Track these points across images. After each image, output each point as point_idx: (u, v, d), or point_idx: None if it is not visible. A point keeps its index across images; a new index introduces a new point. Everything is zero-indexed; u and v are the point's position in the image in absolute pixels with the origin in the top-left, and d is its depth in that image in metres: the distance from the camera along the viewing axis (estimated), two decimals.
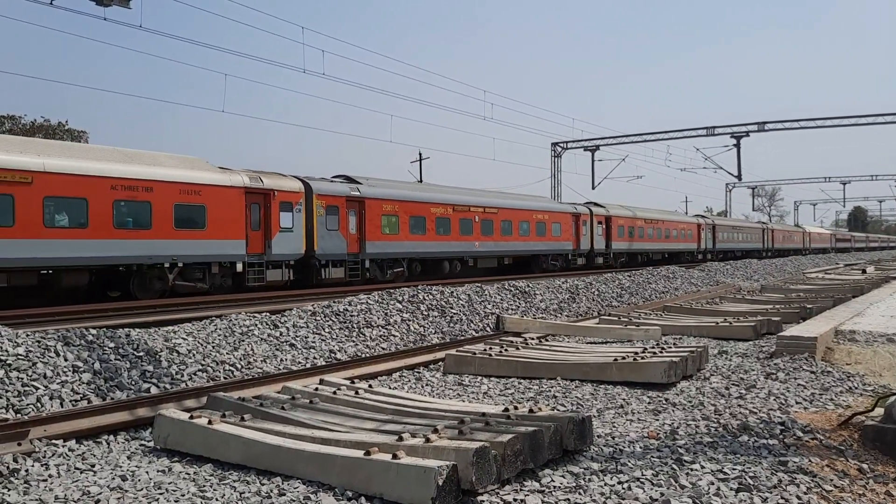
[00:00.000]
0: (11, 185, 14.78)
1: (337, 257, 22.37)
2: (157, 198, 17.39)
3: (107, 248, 16.44)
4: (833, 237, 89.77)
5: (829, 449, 5.58)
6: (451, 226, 27.21)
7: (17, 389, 7.35)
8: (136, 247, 16.99)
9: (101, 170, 16.51)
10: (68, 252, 15.78)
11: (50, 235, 15.48)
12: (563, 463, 5.18)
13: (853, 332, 11.23)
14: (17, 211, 14.89)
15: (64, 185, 15.70)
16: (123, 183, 16.82)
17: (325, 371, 9.17)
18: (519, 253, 31.61)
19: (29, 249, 15.10)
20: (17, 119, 44.02)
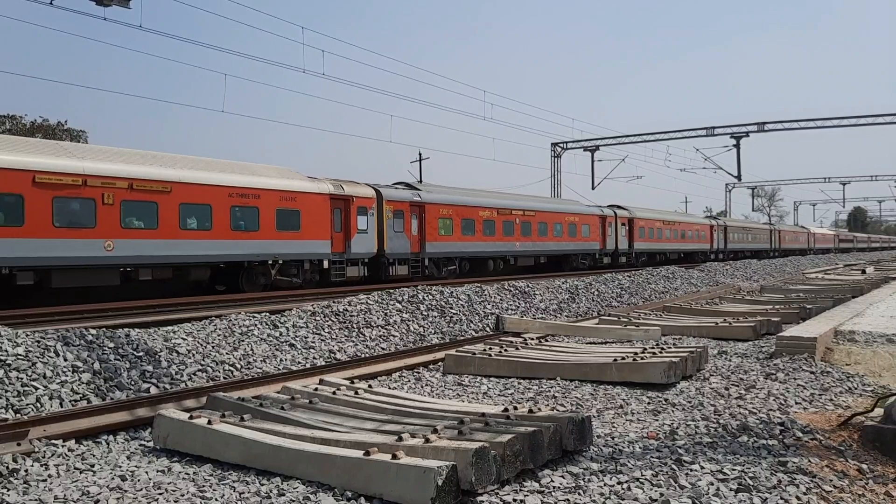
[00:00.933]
0: (155, 194, 17.36)
1: (402, 256, 24.81)
2: (263, 204, 19.97)
3: (226, 248, 18.96)
4: (836, 237, 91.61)
5: (828, 449, 5.58)
6: (495, 228, 29.51)
7: (17, 389, 7.35)
8: (248, 246, 19.48)
9: (221, 179, 19.07)
10: (197, 251, 18.26)
11: (183, 237, 17.98)
12: (562, 463, 5.17)
13: (853, 333, 11.23)
14: (160, 216, 17.47)
15: (194, 194, 18.25)
16: (238, 191, 19.36)
17: (325, 371, 9.16)
18: (553, 252, 33.81)
19: (168, 248, 17.62)
20: (18, 119, 43.98)
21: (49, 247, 15.44)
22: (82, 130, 46.36)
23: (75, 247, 15.88)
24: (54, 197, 15.61)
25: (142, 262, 17.25)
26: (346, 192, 22.75)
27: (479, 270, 29.11)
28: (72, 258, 15.85)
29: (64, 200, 15.80)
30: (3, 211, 14.93)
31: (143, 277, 17.54)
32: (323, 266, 21.86)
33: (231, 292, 19.11)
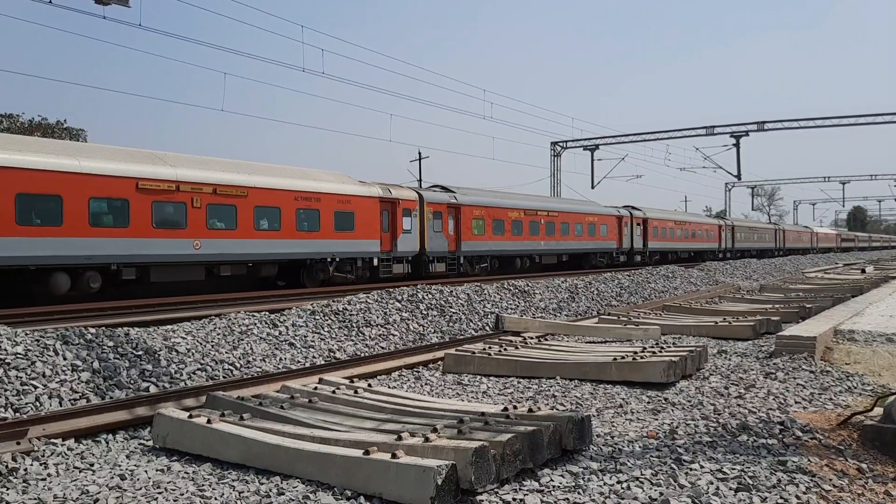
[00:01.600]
0: (234, 198, 19.30)
1: (440, 254, 26.75)
2: (323, 206, 21.92)
3: (292, 247, 20.86)
4: (838, 237, 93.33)
5: (828, 449, 5.58)
6: (523, 228, 31.34)
7: (16, 388, 7.35)
8: (310, 245, 21.41)
9: (289, 184, 21.01)
10: (268, 249, 20.19)
11: (257, 236, 19.91)
12: (562, 462, 5.17)
13: (852, 332, 11.23)
14: (238, 218, 19.41)
15: (266, 197, 20.18)
16: (302, 195, 21.23)
17: (325, 370, 9.16)
18: (574, 250, 35.67)
19: (244, 247, 19.52)
20: (16, 117, 43.94)
21: (149, 246, 17.40)
22: (81, 129, 46.33)
23: (170, 246, 17.85)
24: (153, 201, 17.53)
25: (223, 260, 19.17)
26: (393, 195, 24.67)
27: (508, 268, 30.87)
28: (167, 256, 17.79)
29: (161, 204, 17.73)
30: (112, 214, 16.81)
31: (223, 273, 19.45)
32: (373, 263, 23.74)
33: (291, 287, 21.03)
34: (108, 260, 16.57)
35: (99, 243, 16.43)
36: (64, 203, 15.87)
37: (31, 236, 15.34)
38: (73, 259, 16.03)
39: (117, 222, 16.82)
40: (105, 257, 16.53)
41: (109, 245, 16.57)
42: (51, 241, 15.65)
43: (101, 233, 16.51)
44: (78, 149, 17.47)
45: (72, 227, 15.99)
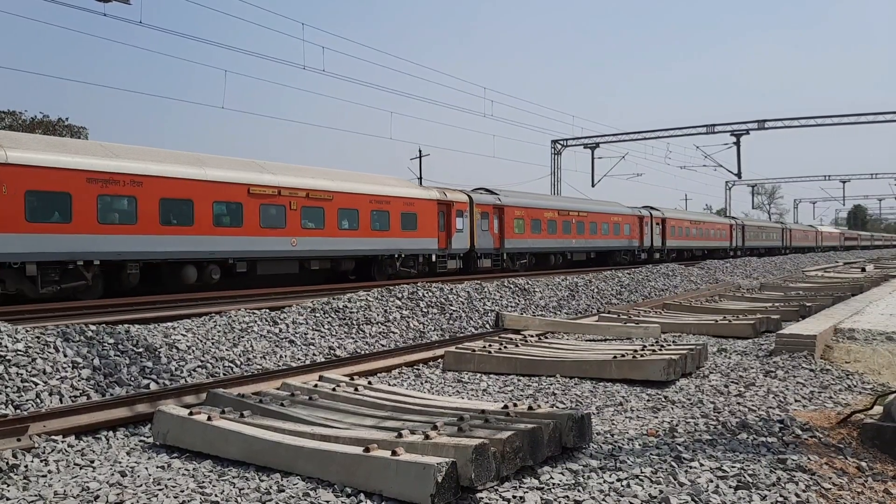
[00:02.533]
0: (322, 201, 22.12)
1: (487, 251, 29.36)
2: (392, 208, 24.70)
3: (367, 244, 23.74)
4: (842, 236, 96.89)
5: (827, 447, 5.59)
6: (557, 226, 34.09)
7: (17, 385, 7.36)
8: (382, 243, 24.27)
9: (365, 189, 23.85)
10: (348, 246, 23.10)
11: (340, 235, 22.73)
12: (562, 460, 5.18)
13: (852, 331, 11.23)
14: (325, 218, 22.25)
15: (348, 201, 23.03)
16: (375, 198, 24.07)
17: (325, 368, 9.17)
18: (602, 248, 38.40)
19: (330, 244, 22.44)
20: (18, 115, 43.93)
21: (257, 243, 20.13)
22: (83, 127, 46.33)
23: (273, 243, 20.58)
24: (261, 204, 20.22)
25: (313, 255, 22.04)
26: (448, 197, 27.46)
27: (543, 264, 33.62)
28: (271, 252, 20.52)
29: (266, 207, 20.42)
30: (230, 216, 19.43)
31: (313, 267, 22.36)
32: (431, 259, 26.48)
33: (361, 280, 23.69)
34: (226, 255, 19.38)
35: (220, 241, 19.23)
36: (194, 206, 18.60)
37: (170, 235, 18.10)
38: (201, 254, 18.79)
39: (233, 223, 19.59)
40: (224, 253, 19.31)
41: (227, 242, 19.37)
42: (184, 239, 18.36)
43: (221, 232, 19.29)
44: (201, 160, 19.80)
45: (200, 227, 18.74)
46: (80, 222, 16.33)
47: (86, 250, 16.45)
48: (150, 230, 17.60)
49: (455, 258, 27.67)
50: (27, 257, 15.41)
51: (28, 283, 15.68)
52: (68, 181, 16.16)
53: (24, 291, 15.65)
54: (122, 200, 17.22)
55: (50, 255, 15.79)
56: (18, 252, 15.27)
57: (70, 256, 16.19)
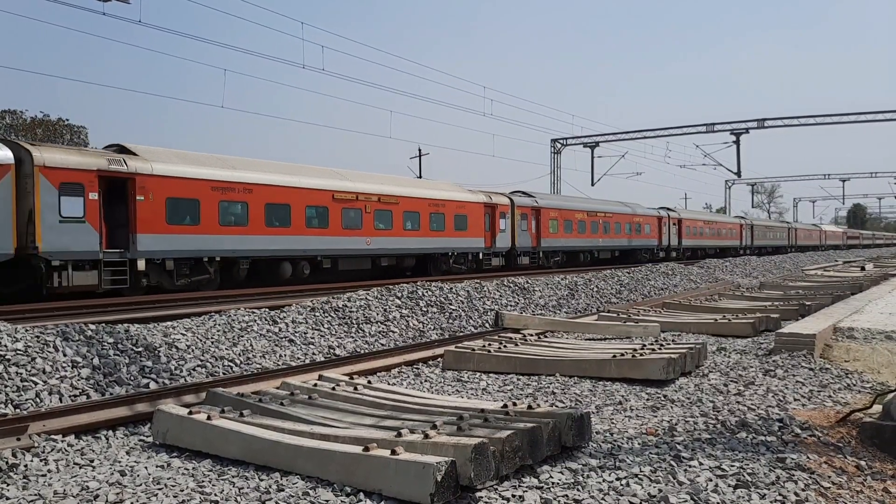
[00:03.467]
0: (391, 205, 24.88)
1: (526, 250, 32.02)
2: (447, 211, 27.43)
3: (426, 243, 26.50)
4: (844, 234, 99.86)
5: (827, 446, 5.59)
6: (586, 227, 36.78)
7: (16, 384, 7.36)
8: (438, 242, 27.00)
9: (424, 193, 26.77)
10: (411, 245, 25.83)
11: (405, 235, 25.52)
12: (561, 459, 5.18)
13: (852, 330, 11.23)
14: (393, 220, 24.98)
15: (411, 205, 25.84)
16: (433, 202, 26.82)
17: (324, 367, 9.17)
18: (625, 247, 40.82)
19: (397, 243, 25.20)
20: (18, 114, 43.91)
21: (340, 242, 22.86)
22: (82, 126, 46.29)
23: (352, 242, 23.31)
24: (343, 208, 22.91)
25: (383, 253, 24.86)
26: (493, 200, 30.08)
27: (573, 261, 36.28)
28: (350, 250, 23.31)
29: (347, 210, 23.11)
30: (318, 218, 22.18)
31: (383, 264, 25.18)
32: (479, 257, 29.15)
33: (418, 275, 25.16)
34: (315, 253, 22.08)
35: (311, 240, 21.87)
36: (291, 210, 21.25)
37: (273, 235, 20.66)
38: (296, 252, 21.43)
39: (321, 224, 22.24)
40: (314, 251, 22.00)
41: (316, 242, 22.04)
42: (284, 239, 21.01)
43: (312, 232, 21.91)
44: (295, 169, 22.66)
45: (296, 229, 21.36)
46: (206, 224, 19.02)
47: (210, 248, 19.13)
48: (258, 231, 20.34)
49: (498, 256, 30.46)
50: (167, 254, 18.03)
51: (166, 276, 18.28)
52: (198, 189, 18.80)
53: (163, 283, 18.22)
54: (237, 206, 19.96)
55: (184, 252, 18.41)
56: (161, 250, 17.88)
57: (198, 254, 18.84)
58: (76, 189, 16.23)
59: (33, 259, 15.62)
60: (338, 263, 23.26)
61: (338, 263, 23.26)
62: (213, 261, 19.29)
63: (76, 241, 16.17)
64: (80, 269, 16.32)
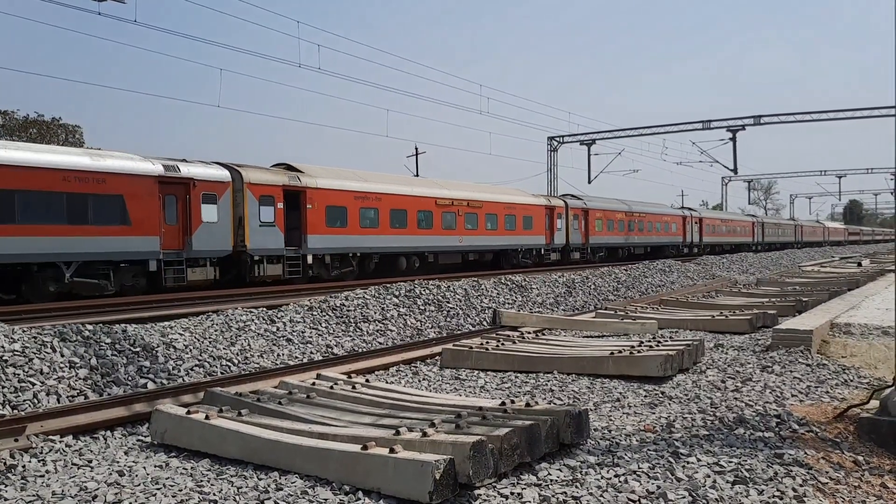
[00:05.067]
0: (476, 209, 29.14)
1: (577, 246, 36.59)
2: (517, 213, 31.66)
3: (501, 241, 30.75)
4: (846, 231, 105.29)
5: (824, 441, 5.61)
6: (625, 226, 41.09)
7: (14, 385, 7.35)
8: (511, 240, 31.32)
9: (501, 198, 31.06)
10: (490, 243, 30.11)
11: (486, 234, 29.75)
12: (559, 456, 5.19)
13: (849, 325, 11.27)
14: (478, 221, 29.19)
15: (491, 208, 30.04)
16: (507, 205, 31.07)
17: (322, 366, 9.17)
18: (655, 244, 44.71)
19: (480, 241, 29.42)
20: (11, 114, 43.77)
21: (440, 240, 27.17)
22: (77, 126, 46.14)
23: (449, 240, 27.67)
24: (443, 212, 27.28)
25: (471, 249, 29.03)
26: (551, 203, 34.71)
27: (613, 257, 39.94)
28: (447, 247, 27.63)
29: (445, 214, 27.44)
30: (425, 221, 26.48)
31: (470, 258, 29.35)
32: (541, 252, 33.53)
33: (491, 269, 29.36)
34: (423, 249, 26.50)
35: (421, 239, 26.22)
36: (407, 214, 25.67)
37: (395, 234, 25.12)
38: (409, 249, 25.88)
39: (427, 226, 26.54)
40: (422, 248, 26.37)
41: (425, 240, 26.38)
42: (402, 238, 25.46)
43: (421, 232, 26.30)
44: (409, 180, 28.52)
45: (411, 229, 25.82)
46: (351, 227, 23.58)
47: (354, 246, 23.64)
48: (385, 232, 24.77)
49: (556, 251, 34.83)
50: (326, 251, 22.67)
51: (324, 269, 22.84)
52: (346, 199, 23.39)
53: (322, 274, 22.65)
54: (371, 211, 24.35)
55: (337, 249, 23.05)
56: (322, 247, 22.47)
57: (346, 250, 23.40)
58: (269, 200, 20.80)
59: (243, 255, 19.96)
60: (438, 258, 27.50)
61: (438, 258, 27.50)
62: (355, 256, 23.88)
63: (269, 241, 20.71)
64: (271, 263, 20.80)
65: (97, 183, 16.75)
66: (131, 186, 17.34)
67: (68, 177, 16.25)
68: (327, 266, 22.89)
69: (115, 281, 17.21)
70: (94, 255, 16.65)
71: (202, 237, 18.86)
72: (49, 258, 15.92)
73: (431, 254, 27.00)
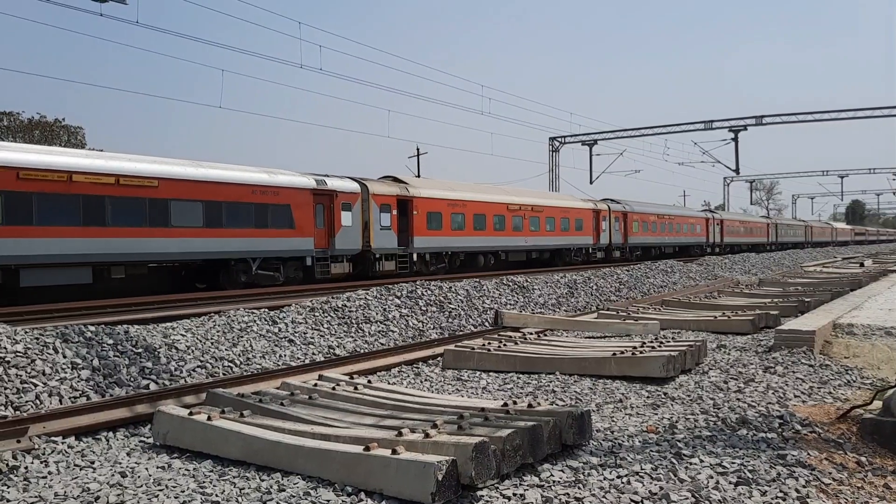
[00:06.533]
0: (538, 213, 33.24)
1: (618, 245, 40.61)
2: (571, 216, 35.94)
3: (557, 241, 34.77)
4: (853, 231, 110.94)
5: (827, 442, 5.59)
6: (657, 227, 45.20)
7: (16, 386, 7.35)
8: (565, 240, 35.35)
9: (556, 203, 35.18)
10: (549, 242, 34.19)
11: (545, 235, 33.83)
12: (562, 457, 5.18)
13: (851, 326, 11.24)
14: (540, 224, 33.30)
15: (550, 212, 34.02)
16: (562, 209, 35.21)
17: (324, 367, 9.17)
18: (683, 243, 49.03)
19: (541, 241, 33.47)
20: (15, 116, 43.84)
21: (510, 241, 31.35)
22: (79, 127, 46.24)
23: (517, 241, 31.78)
24: (513, 216, 31.41)
25: (534, 248, 33.35)
26: (598, 207, 38.78)
27: (647, 255, 43.68)
28: (516, 246, 31.85)
29: (514, 217, 31.55)
30: (499, 223, 30.47)
31: (532, 256, 33.82)
32: (588, 251, 37.85)
33: (547, 266, 33.61)
34: (497, 249, 30.45)
35: (496, 240, 30.51)
36: (486, 218, 29.86)
37: (476, 236, 29.30)
38: (488, 248, 30.11)
39: (500, 228, 30.58)
40: (497, 247, 30.54)
41: (498, 241, 30.56)
42: (482, 238, 29.64)
43: (496, 234, 30.53)
44: (486, 189, 31.86)
45: (488, 231, 29.94)
46: (445, 229, 27.80)
47: (447, 245, 27.87)
48: (469, 233, 28.98)
49: (601, 250, 39.02)
50: (427, 250, 26.80)
51: (424, 265, 26.85)
52: (440, 206, 27.67)
53: (422, 270, 26.55)
54: (459, 216, 28.55)
55: (435, 248, 27.27)
56: (424, 247, 26.64)
57: (441, 249, 27.55)
58: (387, 208, 25.16)
59: (367, 253, 24.26)
60: (508, 255, 31.85)
61: (508, 255, 31.85)
62: (446, 254, 28.01)
63: (387, 242, 25.06)
64: (387, 260, 25.06)
65: (273, 195, 21.06)
66: (295, 197, 21.69)
67: (255, 190, 20.56)
68: (426, 262, 27.03)
69: (284, 273, 21.35)
70: (272, 252, 20.94)
71: (342, 238, 23.31)
72: (243, 255, 20.13)
73: (504, 252, 31.38)
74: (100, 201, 17.02)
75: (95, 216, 16.96)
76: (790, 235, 74.32)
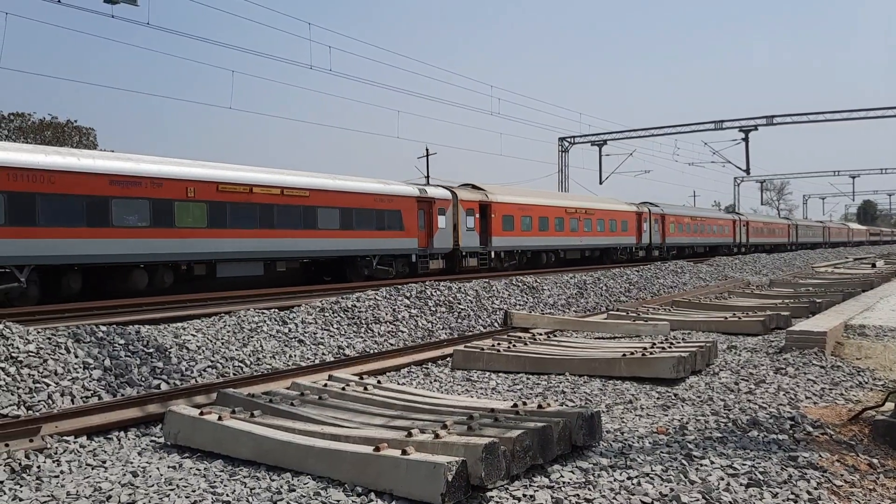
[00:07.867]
0: (589, 216, 36.65)
1: (656, 245, 44.02)
2: (616, 217, 39.22)
3: (607, 241, 38.30)
4: (868, 232, 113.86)
5: (839, 444, 5.56)
6: (690, 228, 48.43)
7: (29, 386, 7.41)
8: (612, 240, 38.77)
9: (605, 206, 38.60)
10: (600, 242, 37.52)
11: (596, 235, 37.13)
12: (572, 458, 5.17)
13: (863, 327, 11.17)
14: (591, 224, 36.52)
15: (600, 215, 37.71)
16: (608, 212, 38.66)
17: (334, 367, 9.19)
18: (713, 244, 52.37)
19: (593, 241, 36.85)
20: (27, 117, 44.15)
21: (568, 241, 34.79)
22: (91, 128, 46.45)
23: (573, 241, 35.24)
24: (570, 218, 34.71)
25: (587, 247, 36.75)
26: (639, 210, 41.91)
27: (680, 255, 46.56)
28: (572, 245, 35.29)
29: (571, 219, 34.79)
30: (558, 225, 33.69)
31: (586, 254, 37.33)
32: (632, 250, 41.17)
33: (600, 263, 36.33)
34: (557, 248, 34.24)
35: (556, 240, 33.88)
36: (549, 220, 33.03)
37: (541, 236, 32.72)
38: (549, 247, 33.40)
39: (559, 229, 33.93)
40: (556, 246, 33.98)
41: (558, 240, 34.02)
42: (545, 238, 33.00)
43: (557, 234, 33.93)
44: (548, 194, 35.75)
45: (550, 232, 33.35)
46: (517, 230, 31.15)
47: (517, 245, 31.23)
48: (535, 234, 32.37)
49: (642, 249, 42.24)
50: (502, 249, 30.20)
51: (499, 262, 30.02)
52: (512, 210, 30.95)
53: (497, 266, 29.77)
54: (528, 218, 31.89)
55: (508, 247, 30.62)
56: (500, 246, 29.97)
57: (513, 248, 30.98)
58: (471, 212, 28.79)
59: (456, 251, 27.88)
60: (566, 254, 35.56)
61: (566, 254, 35.56)
62: (517, 252, 31.41)
63: (471, 241, 28.63)
64: (472, 257, 28.60)
65: (388, 202, 24.67)
66: (404, 204, 25.37)
67: (376, 198, 24.17)
68: (501, 260, 30.38)
69: (395, 268, 24.87)
70: (388, 250, 24.56)
71: (438, 239, 26.92)
72: (367, 253, 23.72)
73: (562, 250, 34.93)
74: (270, 209, 20.55)
75: (267, 220, 20.44)
76: (809, 236, 77.32)
